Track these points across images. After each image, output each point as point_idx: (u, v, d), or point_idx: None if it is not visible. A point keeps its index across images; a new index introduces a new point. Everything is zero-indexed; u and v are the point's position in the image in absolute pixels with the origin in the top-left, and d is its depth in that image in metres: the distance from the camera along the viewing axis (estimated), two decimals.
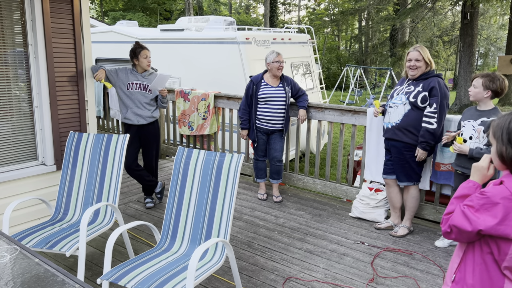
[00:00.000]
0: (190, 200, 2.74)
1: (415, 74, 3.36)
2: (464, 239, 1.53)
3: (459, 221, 1.50)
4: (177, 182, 2.80)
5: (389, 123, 3.49)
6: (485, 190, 1.48)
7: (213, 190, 2.69)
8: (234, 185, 2.64)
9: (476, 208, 1.47)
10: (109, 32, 7.99)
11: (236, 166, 2.66)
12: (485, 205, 1.45)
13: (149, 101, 3.98)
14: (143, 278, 2.23)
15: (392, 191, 3.66)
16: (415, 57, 3.34)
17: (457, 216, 1.52)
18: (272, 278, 2.95)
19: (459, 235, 1.52)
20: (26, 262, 1.67)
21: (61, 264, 3.11)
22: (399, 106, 3.41)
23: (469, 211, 1.48)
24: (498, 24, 27.45)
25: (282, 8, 36.95)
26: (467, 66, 14.20)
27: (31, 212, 3.48)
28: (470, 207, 1.49)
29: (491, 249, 1.48)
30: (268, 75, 4.23)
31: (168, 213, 2.78)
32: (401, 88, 3.49)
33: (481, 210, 1.45)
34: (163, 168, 5.50)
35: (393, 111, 3.46)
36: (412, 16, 15.03)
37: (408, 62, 3.39)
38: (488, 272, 1.50)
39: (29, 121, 3.47)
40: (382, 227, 3.72)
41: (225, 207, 2.62)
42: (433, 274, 3.02)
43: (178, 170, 2.82)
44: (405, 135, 3.40)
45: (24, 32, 3.33)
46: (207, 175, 2.73)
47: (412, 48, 3.40)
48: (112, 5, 28.42)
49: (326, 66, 26.21)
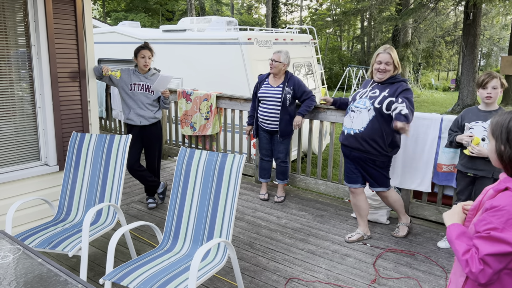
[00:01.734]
0: (192, 200, 2.74)
1: (382, 77, 3.18)
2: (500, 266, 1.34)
3: (491, 249, 1.32)
4: (179, 183, 2.80)
5: (351, 129, 3.26)
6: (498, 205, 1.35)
7: (215, 191, 2.69)
8: (236, 185, 2.64)
9: (501, 228, 1.32)
10: (111, 33, 8.01)
11: (238, 167, 2.67)
12: (509, 220, 1.32)
13: (151, 101, 3.99)
14: (145, 278, 2.24)
15: (360, 199, 3.45)
16: (385, 60, 3.14)
17: (485, 245, 1.34)
18: (274, 279, 2.95)
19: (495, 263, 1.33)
20: (29, 262, 1.67)
21: (63, 264, 3.12)
22: (363, 112, 3.18)
23: (496, 233, 1.32)
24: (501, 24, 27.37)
25: (284, 8, 36.95)
26: (470, 66, 14.16)
27: (34, 212, 3.50)
28: (493, 229, 1.33)
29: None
30: (271, 75, 4.27)
31: (170, 214, 2.78)
32: (365, 91, 3.28)
33: (506, 227, 1.32)
34: (165, 168, 5.51)
35: (355, 116, 3.23)
36: (415, 17, 15.00)
37: (377, 64, 3.18)
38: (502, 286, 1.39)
39: (32, 122, 3.48)
40: (354, 239, 3.48)
41: (227, 208, 2.63)
42: (435, 275, 3.01)
43: (180, 170, 2.82)
44: (370, 145, 3.20)
45: (27, 33, 3.35)
46: (209, 175, 2.73)
47: (382, 50, 3.18)
48: (115, 6, 28.49)
49: (328, 67, 26.19)
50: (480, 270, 1.34)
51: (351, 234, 3.54)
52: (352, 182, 3.42)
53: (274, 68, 4.13)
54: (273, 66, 4.12)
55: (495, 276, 1.35)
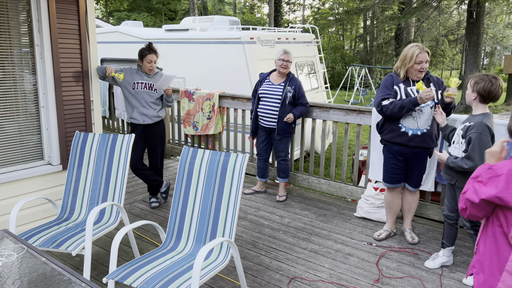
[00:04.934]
0: (195, 199, 2.75)
1: (421, 77, 3.21)
2: (476, 212, 1.63)
3: (470, 195, 1.63)
4: (182, 182, 2.81)
5: (418, 130, 3.19)
6: (493, 165, 1.61)
7: (218, 190, 2.69)
8: (239, 185, 2.64)
9: (484, 182, 1.59)
10: (114, 33, 8.02)
11: (241, 166, 2.67)
12: (491, 178, 1.57)
13: (154, 100, 3.99)
14: (148, 277, 2.24)
15: (397, 197, 3.49)
16: (425, 59, 3.14)
17: (469, 191, 1.65)
18: (277, 278, 2.95)
19: (472, 209, 1.64)
20: (32, 261, 1.68)
21: (67, 263, 3.13)
22: (424, 110, 3.17)
23: (478, 185, 1.61)
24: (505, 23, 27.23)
25: (287, 7, 36.89)
26: (473, 65, 14.11)
27: (38, 212, 3.51)
28: (480, 182, 1.62)
29: (500, 222, 1.59)
30: (274, 73, 4.30)
31: (173, 213, 2.79)
32: (411, 89, 3.20)
33: (488, 183, 1.58)
34: (168, 167, 5.52)
35: (418, 115, 3.19)
36: (418, 15, 14.95)
37: (417, 65, 3.15)
38: (496, 244, 1.61)
39: (35, 121, 3.49)
40: (383, 237, 3.53)
41: (230, 207, 2.63)
42: (438, 274, 3.00)
43: (183, 169, 2.82)
44: (432, 141, 3.25)
45: (30, 32, 3.36)
46: (212, 175, 2.73)
47: (418, 49, 3.13)
48: (117, 6, 28.53)
49: (330, 66, 26.15)
50: (462, 208, 1.70)
51: (380, 232, 3.57)
52: (395, 182, 3.41)
53: (287, 68, 4.18)
54: (287, 66, 4.18)
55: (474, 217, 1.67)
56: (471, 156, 2.66)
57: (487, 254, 1.65)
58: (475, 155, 2.64)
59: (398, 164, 3.36)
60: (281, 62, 4.16)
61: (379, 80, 22.03)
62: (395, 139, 3.28)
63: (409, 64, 3.17)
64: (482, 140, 2.64)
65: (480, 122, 2.69)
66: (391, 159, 3.37)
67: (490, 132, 2.68)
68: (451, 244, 3.07)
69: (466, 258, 3.22)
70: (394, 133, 3.28)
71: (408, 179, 3.42)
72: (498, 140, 1.81)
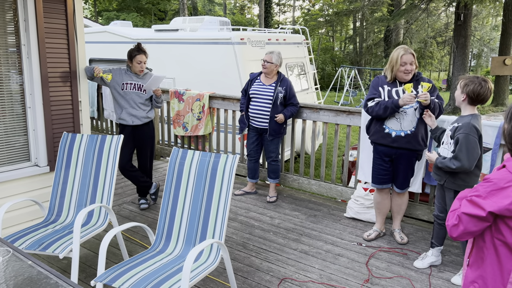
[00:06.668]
0: (185, 201, 2.73)
1: (408, 78, 3.21)
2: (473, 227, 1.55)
3: (468, 209, 1.54)
4: (172, 183, 2.79)
5: (401, 131, 3.21)
6: (490, 177, 1.53)
7: (208, 191, 2.68)
8: (229, 186, 2.63)
9: (484, 196, 1.51)
10: (103, 33, 7.95)
11: (231, 167, 2.66)
12: (492, 191, 1.50)
13: (143, 101, 3.96)
14: (137, 279, 2.22)
15: (386, 197, 3.51)
16: (410, 60, 3.15)
17: (465, 206, 1.56)
18: (267, 279, 2.95)
19: (469, 223, 1.54)
20: (18, 265, 1.65)
21: (54, 266, 3.09)
22: (408, 112, 3.18)
23: (478, 199, 1.53)
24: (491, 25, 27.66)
25: (277, 8, 36.99)
26: (461, 67, 14.29)
27: (24, 214, 3.45)
28: (477, 196, 1.53)
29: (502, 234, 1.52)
30: (263, 74, 4.29)
31: (162, 214, 2.76)
32: (397, 90, 3.23)
33: (489, 197, 1.50)
34: (157, 169, 5.48)
35: (402, 117, 3.20)
36: (406, 17, 15.10)
37: (402, 66, 3.16)
38: (497, 256, 1.55)
39: (22, 122, 3.44)
40: (372, 237, 3.54)
41: (220, 208, 2.62)
42: (427, 274, 3.03)
43: (172, 171, 2.80)
44: (418, 143, 3.23)
45: (17, 32, 3.31)
46: (202, 176, 2.72)
47: (403, 51, 3.16)
48: (106, 5, 28.29)
49: (320, 67, 26.27)
50: (454, 224, 1.59)
51: (369, 233, 3.58)
52: (382, 183, 3.44)
53: (266, 68, 4.17)
54: (266, 66, 4.17)
55: (466, 235, 1.57)
56: (458, 156, 2.69)
57: (488, 267, 1.58)
58: (463, 155, 2.67)
59: (384, 165, 3.38)
60: (262, 62, 4.22)
61: (369, 81, 22.20)
62: (380, 140, 3.33)
63: (395, 66, 3.20)
64: (469, 141, 2.67)
65: (468, 123, 2.71)
66: (378, 159, 3.41)
67: (478, 133, 2.71)
68: (440, 244, 3.10)
69: (455, 258, 3.25)
70: (379, 134, 3.32)
71: (395, 180, 3.44)
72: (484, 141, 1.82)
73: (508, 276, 1.52)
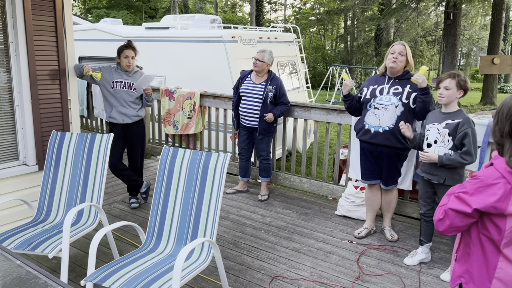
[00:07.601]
0: (175, 200, 2.72)
1: (395, 67, 3.20)
2: (458, 223, 1.58)
3: (455, 205, 1.57)
4: (163, 182, 2.77)
5: (379, 127, 3.24)
6: (477, 174, 1.55)
7: (199, 190, 2.67)
8: (220, 184, 2.62)
9: (470, 192, 1.54)
10: (92, 30, 7.87)
11: (223, 166, 2.65)
12: (479, 188, 1.52)
13: (134, 99, 3.94)
14: (128, 279, 2.21)
15: (377, 193, 3.54)
16: (399, 50, 3.20)
17: (452, 202, 1.59)
18: (258, 277, 2.95)
19: (455, 219, 1.57)
20: (7, 265, 1.63)
21: (43, 266, 3.05)
22: (389, 108, 3.20)
23: (465, 196, 1.56)
24: (480, 25, 27.97)
25: (268, 7, 36.95)
26: (450, 65, 14.44)
27: (13, 213, 3.41)
28: (465, 193, 1.56)
29: (488, 230, 1.55)
30: (254, 72, 4.28)
31: (153, 213, 2.75)
32: (381, 88, 3.28)
33: (476, 194, 1.53)
34: (148, 167, 5.45)
35: (381, 113, 3.22)
36: (397, 16, 15.21)
37: (391, 55, 3.22)
38: (483, 251, 1.58)
39: (10, 121, 3.39)
40: (363, 235, 3.55)
41: (211, 207, 2.61)
42: (417, 271, 3.06)
43: (163, 169, 2.79)
44: (398, 140, 3.22)
45: (4, 29, 3.26)
46: (193, 174, 2.71)
47: (397, 43, 3.27)
48: (96, 3, 28.02)
49: (312, 66, 26.32)
50: (440, 219, 1.62)
51: (360, 230, 3.61)
52: (371, 178, 3.48)
53: (258, 67, 4.16)
54: (257, 65, 4.16)
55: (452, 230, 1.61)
56: (469, 151, 2.75)
57: (474, 262, 1.62)
58: (473, 149, 2.76)
59: (368, 161, 3.46)
60: (253, 60, 4.21)
61: (360, 80, 22.32)
62: (361, 136, 3.40)
63: (387, 56, 3.29)
64: (475, 135, 2.79)
65: (467, 117, 2.82)
66: (362, 155, 3.51)
67: None
68: (429, 241, 3.13)
69: (444, 255, 3.28)
70: (361, 130, 3.40)
71: (381, 177, 3.49)
72: None
73: (493, 271, 1.56)
